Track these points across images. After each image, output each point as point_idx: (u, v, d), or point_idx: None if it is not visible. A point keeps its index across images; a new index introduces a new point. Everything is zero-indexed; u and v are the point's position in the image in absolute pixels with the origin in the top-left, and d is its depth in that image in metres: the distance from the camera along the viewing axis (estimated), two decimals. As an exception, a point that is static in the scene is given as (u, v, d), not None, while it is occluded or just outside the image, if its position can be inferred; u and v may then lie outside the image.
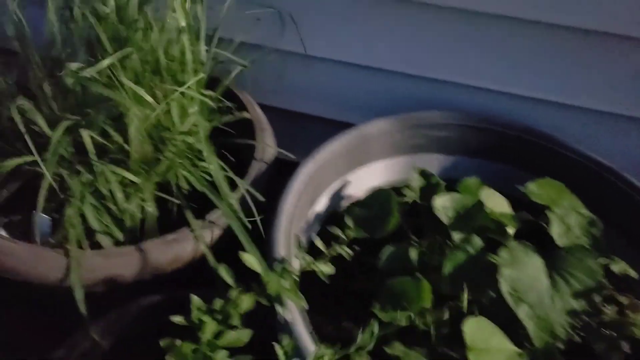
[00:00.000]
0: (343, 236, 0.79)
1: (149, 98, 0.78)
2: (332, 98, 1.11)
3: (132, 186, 0.82)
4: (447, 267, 0.72)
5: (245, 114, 0.96)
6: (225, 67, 0.95)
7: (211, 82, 0.93)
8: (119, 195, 0.77)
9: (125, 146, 0.82)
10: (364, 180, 0.97)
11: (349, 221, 0.82)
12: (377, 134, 0.94)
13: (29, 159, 0.80)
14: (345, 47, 1.02)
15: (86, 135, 0.76)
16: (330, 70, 1.05)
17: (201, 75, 0.85)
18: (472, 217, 0.78)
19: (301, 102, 1.12)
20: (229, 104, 0.96)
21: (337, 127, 0.98)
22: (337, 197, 0.94)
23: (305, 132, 1.12)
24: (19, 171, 0.84)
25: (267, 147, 0.93)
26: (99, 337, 0.78)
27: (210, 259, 0.76)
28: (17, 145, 0.87)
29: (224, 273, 0.65)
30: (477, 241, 0.73)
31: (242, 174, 0.87)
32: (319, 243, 0.78)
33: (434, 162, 0.99)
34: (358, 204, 0.86)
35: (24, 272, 0.72)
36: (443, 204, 0.79)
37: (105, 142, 0.80)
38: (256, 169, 0.89)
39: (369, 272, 0.82)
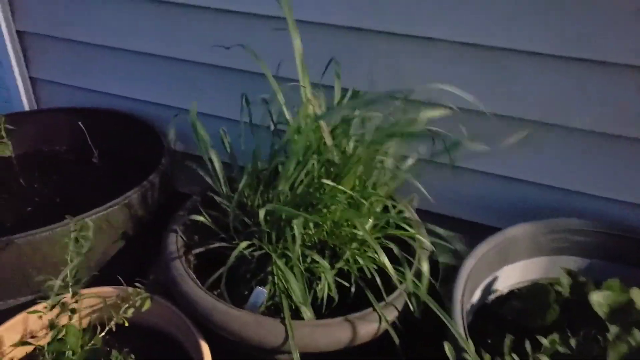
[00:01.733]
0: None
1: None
2: (475, 203, 1.26)
3: (319, 268, 0.99)
4: (612, 357, 0.81)
5: (406, 214, 1.14)
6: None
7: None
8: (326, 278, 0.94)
9: (314, 236, 1.02)
10: (508, 277, 1.09)
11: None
12: (523, 236, 1.07)
13: (244, 244, 1.00)
14: (491, 162, 1.20)
15: (297, 226, 0.95)
16: (476, 179, 1.22)
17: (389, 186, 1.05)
18: (625, 312, 0.88)
19: (448, 206, 1.29)
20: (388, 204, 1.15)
21: (475, 229, 1.12)
22: (487, 290, 1.07)
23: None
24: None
25: (425, 238, 1.09)
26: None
27: (393, 334, 0.90)
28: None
29: (448, 349, 0.79)
30: (638, 334, 0.82)
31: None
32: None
33: (572, 264, 1.10)
34: (515, 296, 0.98)
35: (247, 335, 0.88)
36: (598, 300, 0.90)
37: (303, 232, 1.00)
38: (418, 256, 1.04)
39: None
